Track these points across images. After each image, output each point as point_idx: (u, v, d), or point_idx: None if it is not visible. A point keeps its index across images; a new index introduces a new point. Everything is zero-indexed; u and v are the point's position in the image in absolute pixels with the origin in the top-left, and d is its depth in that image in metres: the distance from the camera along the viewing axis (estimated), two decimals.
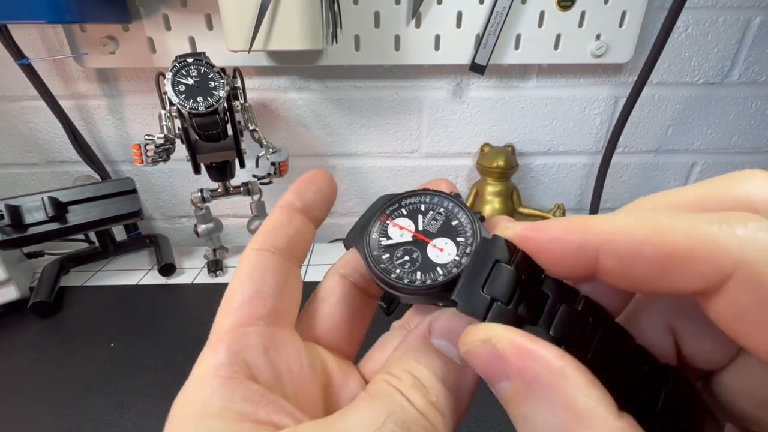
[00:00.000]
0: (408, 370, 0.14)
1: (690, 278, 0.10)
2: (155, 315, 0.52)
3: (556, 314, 0.12)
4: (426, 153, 0.66)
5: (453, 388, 0.14)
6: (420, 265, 0.16)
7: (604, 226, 0.12)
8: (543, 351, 0.11)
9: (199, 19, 0.54)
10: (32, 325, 0.50)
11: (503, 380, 0.12)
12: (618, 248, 0.11)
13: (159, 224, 0.72)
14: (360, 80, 0.60)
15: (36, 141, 0.64)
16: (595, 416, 0.11)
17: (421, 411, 0.13)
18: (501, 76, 0.60)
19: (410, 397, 0.13)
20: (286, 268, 0.16)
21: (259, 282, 0.15)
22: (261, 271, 0.16)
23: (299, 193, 0.18)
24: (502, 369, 0.12)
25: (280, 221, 0.17)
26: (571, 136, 0.64)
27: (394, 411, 0.13)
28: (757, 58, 0.59)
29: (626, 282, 0.12)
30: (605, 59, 0.56)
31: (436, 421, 0.13)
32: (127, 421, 0.38)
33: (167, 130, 0.50)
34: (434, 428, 0.13)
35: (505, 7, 0.52)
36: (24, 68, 0.53)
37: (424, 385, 0.13)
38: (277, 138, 0.64)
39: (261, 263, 0.16)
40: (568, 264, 0.12)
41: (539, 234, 0.13)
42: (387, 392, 0.13)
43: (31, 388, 0.42)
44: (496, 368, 0.12)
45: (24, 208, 0.51)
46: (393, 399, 0.13)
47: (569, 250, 0.12)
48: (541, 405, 0.11)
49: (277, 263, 0.16)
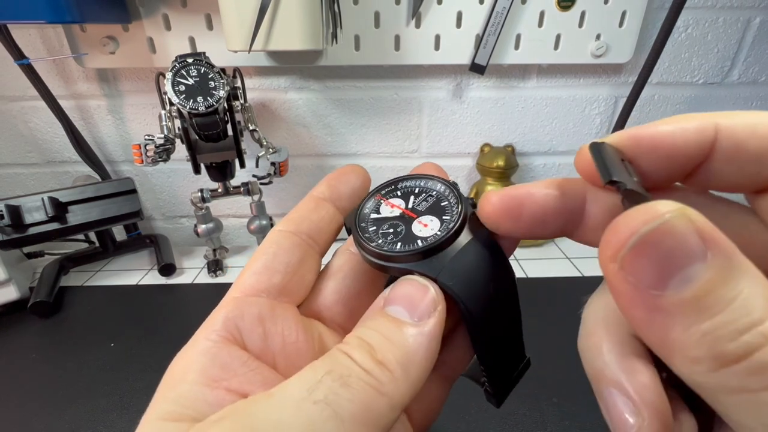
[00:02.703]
0: (357, 335, 0.14)
1: None
2: (155, 315, 0.52)
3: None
4: (426, 153, 0.66)
5: (405, 348, 0.13)
6: (402, 237, 0.16)
7: (718, 114, 0.12)
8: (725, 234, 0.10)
9: (199, 19, 0.54)
10: (32, 325, 0.50)
11: (697, 262, 0.09)
12: (735, 128, 0.12)
13: (159, 224, 0.72)
14: (360, 80, 0.60)
15: (36, 141, 0.64)
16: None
17: (365, 367, 0.13)
18: (501, 76, 0.60)
19: (353, 355, 0.13)
20: (302, 250, 0.17)
21: (270, 258, 0.17)
22: (275, 248, 0.17)
23: (331, 184, 0.19)
24: (698, 247, 0.09)
25: (307, 208, 0.18)
26: (571, 136, 0.64)
27: (332, 368, 0.13)
28: (757, 58, 0.59)
29: (735, 166, 0.12)
30: (605, 59, 0.56)
31: (384, 377, 0.13)
32: (127, 421, 0.38)
33: (167, 130, 0.50)
34: (380, 384, 0.12)
35: (505, 7, 0.52)
36: (24, 68, 0.53)
37: (370, 344, 0.13)
38: (277, 138, 0.64)
39: (277, 242, 0.17)
40: (684, 146, 0.13)
41: (653, 129, 0.13)
42: (332, 354, 0.13)
43: (31, 388, 0.42)
44: (691, 246, 0.09)
45: (24, 208, 0.51)
46: (335, 358, 0.13)
47: (689, 137, 0.12)
48: (747, 280, 0.09)
49: (292, 243, 0.17)
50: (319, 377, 0.12)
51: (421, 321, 0.14)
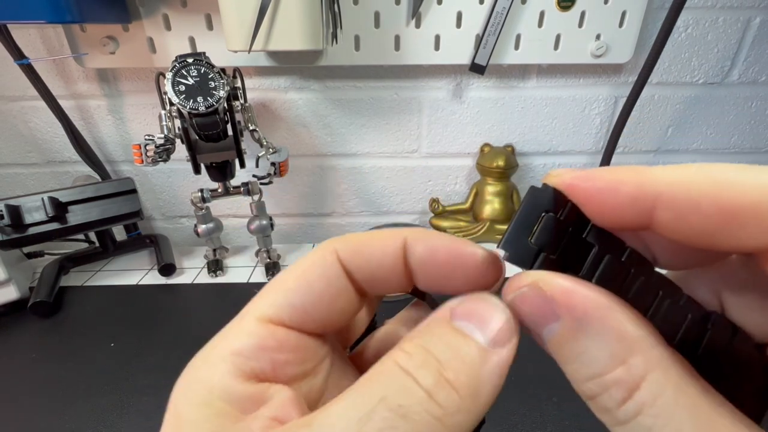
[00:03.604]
0: (423, 345, 0.12)
1: (753, 233, 0.10)
2: (155, 315, 0.52)
3: (600, 264, 0.12)
4: (426, 153, 0.66)
5: (477, 372, 0.12)
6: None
7: (662, 177, 0.11)
8: (590, 290, 0.11)
9: (199, 19, 0.54)
10: (32, 326, 0.50)
11: (552, 322, 0.12)
12: (676, 201, 0.11)
13: (159, 224, 0.72)
14: (360, 80, 0.60)
15: (36, 141, 0.64)
16: (645, 344, 0.11)
17: (428, 390, 0.11)
18: (501, 76, 0.60)
19: (417, 376, 0.11)
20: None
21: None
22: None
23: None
24: (550, 311, 0.12)
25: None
26: (571, 136, 0.64)
27: (388, 394, 0.10)
28: (757, 58, 0.59)
29: (681, 236, 0.11)
30: (605, 59, 0.56)
31: (449, 402, 0.11)
32: (127, 421, 0.38)
33: (167, 130, 0.49)
34: (444, 413, 0.10)
35: (505, 7, 0.52)
36: (24, 68, 0.53)
37: (438, 360, 0.11)
38: (277, 138, 0.64)
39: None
40: (618, 215, 0.12)
41: (590, 183, 0.12)
42: (387, 372, 0.11)
43: (31, 388, 0.42)
44: (544, 310, 0.12)
45: (24, 208, 0.50)
46: (392, 379, 0.11)
47: (622, 201, 0.11)
48: (591, 339, 0.11)
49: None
50: (372, 405, 0.10)
51: (495, 347, 0.12)
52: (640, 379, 0.10)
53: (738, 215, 0.10)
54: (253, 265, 0.62)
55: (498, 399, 0.12)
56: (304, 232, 0.73)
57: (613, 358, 0.11)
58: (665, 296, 0.12)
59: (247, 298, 0.14)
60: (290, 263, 0.63)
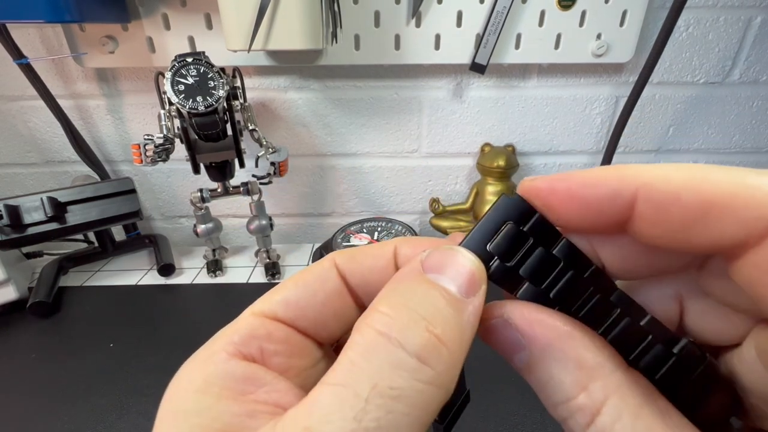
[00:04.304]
0: (404, 304, 0.11)
1: (730, 227, 0.10)
2: (155, 315, 0.51)
3: (561, 279, 0.13)
4: (426, 153, 0.66)
5: (457, 321, 0.11)
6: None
7: (644, 170, 0.11)
8: (551, 318, 0.12)
9: (198, 19, 0.54)
10: (31, 326, 0.50)
11: (519, 351, 0.12)
12: (656, 193, 0.11)
13: (158, 224, 0.72)
14: (360, 80, 0.60)
15: (35, 141, 0.64)
16: (603, 370, 0.11)
17: (418, 354, 0.10)
18: (501, 76, 0.60)
19: (404, 340, 0.10)
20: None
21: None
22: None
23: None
24: (517, 341, 0.12)
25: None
26: (571, 135, 0.64)
27: (378, 380, 0.10)
28: (758, 57, 0.58)
29: (659, 231, 0.11)
30: (606, 59, 0.56)
31: (440, 358, 0.10)
32: (127, 421, 0.38)
33: (166, 130, 0.49)
34: (435, 371, 0.10)
35: (505, 6, 0.52)
36: (23, 68, 0.53)
37: (423, 317, 0.11)
38: (276, 138, 0.64)
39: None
40: (597, 210, 0.12)
41: (567, 183, 0.12)
42: (371, 346, 0.11)
43: (31, 388, 0.42)
44: (512, 341, 0.13)
45: (23, 208, 0.50)
46: (379, 357, 0.10)
47: (603, 194, 0.11)
48: (555, 367, 0.12)
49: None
50: (364, 396, 0.10)
51: (468, 297, 0.12)
52: (601, 405, 0.11)
53: (716, 206, 0.10)
54: (253, 266, 0.62)
55: (498, 399, 0.12)
56: (303, 232, 0.73)
57: (575, 384, 0.11)
58: (624, 315, 0.13)
59: (246, 298, 0.14)
60: (290, 263, 0.63)
